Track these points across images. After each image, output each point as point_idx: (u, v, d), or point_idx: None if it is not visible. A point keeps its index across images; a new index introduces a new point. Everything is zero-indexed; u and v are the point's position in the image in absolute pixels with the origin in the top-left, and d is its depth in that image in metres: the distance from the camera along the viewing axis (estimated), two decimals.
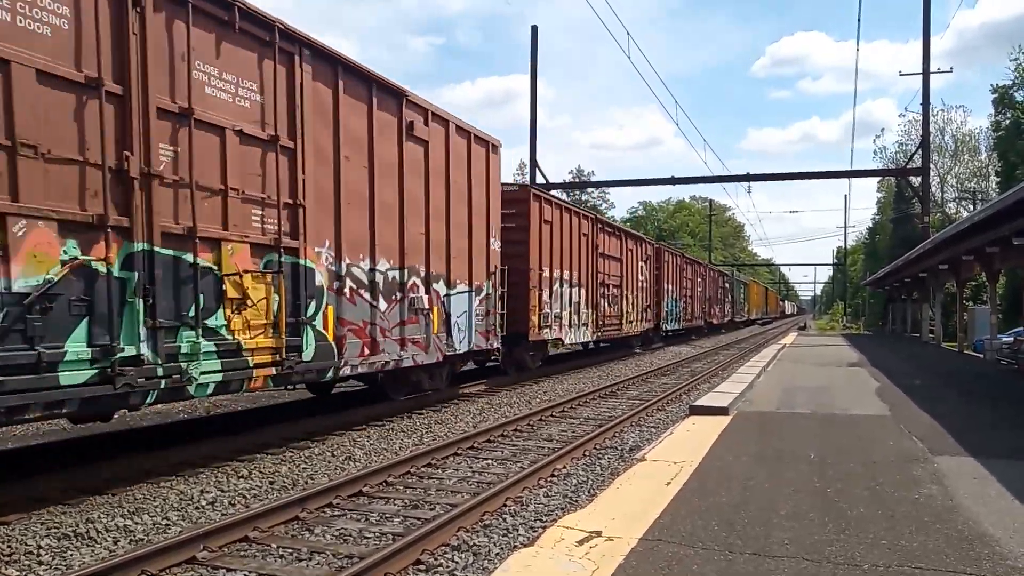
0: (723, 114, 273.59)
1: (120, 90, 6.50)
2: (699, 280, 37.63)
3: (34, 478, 7.00)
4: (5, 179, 5.63)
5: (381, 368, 10.42)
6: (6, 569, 5.12)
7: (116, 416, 11.85)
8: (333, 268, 9.31)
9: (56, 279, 5.91)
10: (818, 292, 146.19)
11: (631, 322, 24.61)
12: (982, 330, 26.99)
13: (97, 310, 6.24)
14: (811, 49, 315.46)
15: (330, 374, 9.38)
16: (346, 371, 9.56)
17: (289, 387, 10.96)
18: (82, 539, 5.73)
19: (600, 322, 21.22)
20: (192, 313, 7.14)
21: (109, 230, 6.32)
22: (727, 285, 50.06)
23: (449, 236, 12.13)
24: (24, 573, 5.09)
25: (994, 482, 6.13)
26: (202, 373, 7.19)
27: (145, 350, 6.60)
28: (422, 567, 5.16)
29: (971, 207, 48.61)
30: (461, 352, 12.77)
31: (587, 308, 20.23)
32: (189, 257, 7.13)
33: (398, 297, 10.73)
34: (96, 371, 6.18)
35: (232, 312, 7.64)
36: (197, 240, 7.21)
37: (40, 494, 6.71)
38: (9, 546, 5.50)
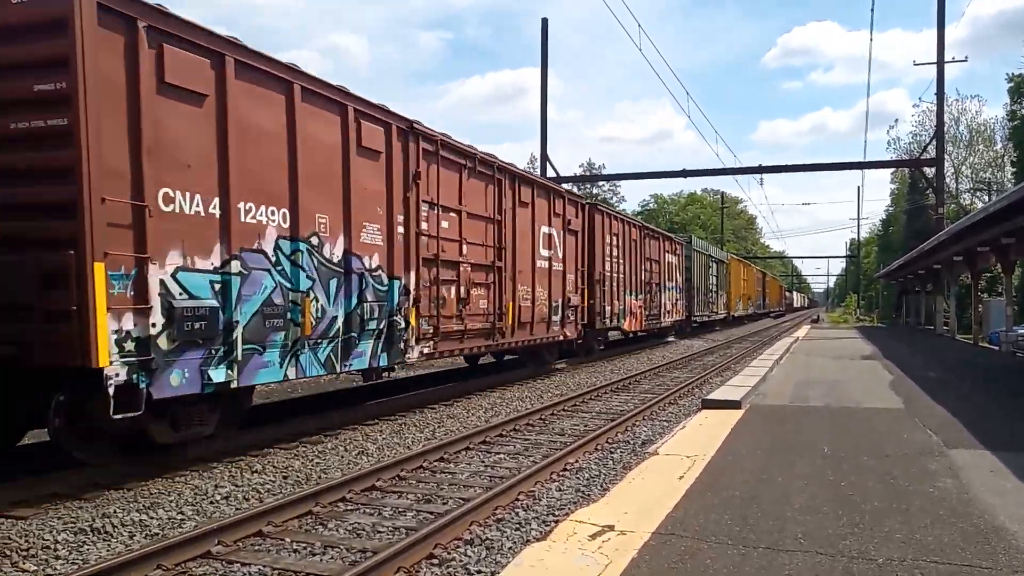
0: (734, 106, 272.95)
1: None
2: (576, 241, 17.79)
3: (50, 474, 7.06)
4: None
5: None
6: (24, 563, 5.17)
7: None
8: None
9: None
10: (831, 284, 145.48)
11: None
12: (997, 322, 26.77)
13: None
14: (822, 39, 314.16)
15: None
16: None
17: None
18: (98, 534, 5.78)
19: None
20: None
21: None
22: (675, 259, 29.56)
23: None
24: (42, 567, 5.14)
25: (1010, 475, 6.08)
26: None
27: None
28: (435, 561, 5.17)
29: (986, 198, 48.12)
30: None
31: None
32: None
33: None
34: None
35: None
36: None
37: (56, 489, 6.77)
38: (27, 541, 5.56)
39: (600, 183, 79.98)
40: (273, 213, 8.18)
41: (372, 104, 9.90)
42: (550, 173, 32.76)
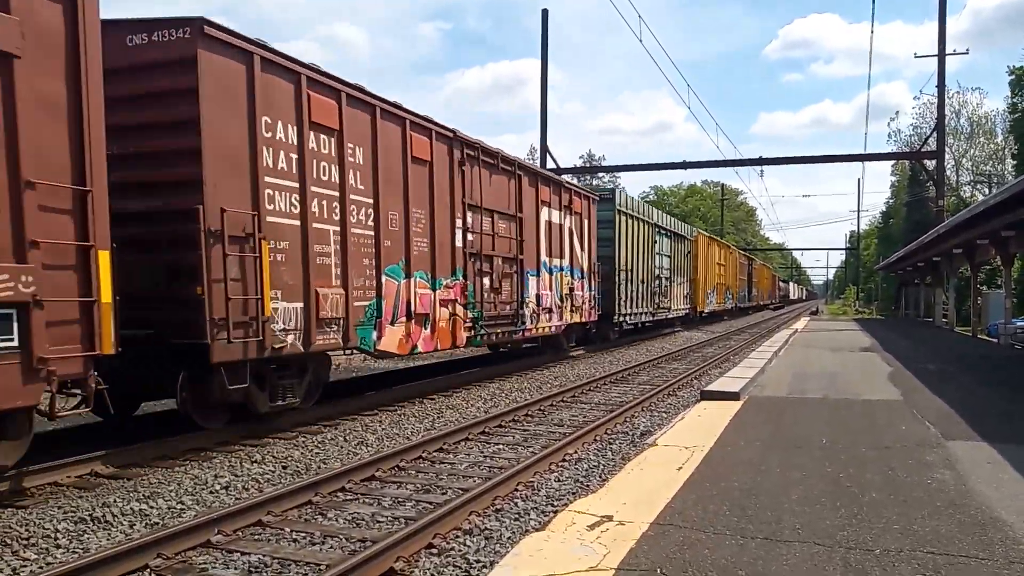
0: (734, 98, 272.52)
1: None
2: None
3: (50, 464, 7.07)
4: None
5: None
6: (25, 552, 5.19)
7: None
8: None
9: None
10: (830, 276, 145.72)
11: None
12: (996, 315, 26.83)
13: None
14: (824, 31, 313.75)
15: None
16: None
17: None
18: (98, 523, 5.79)
19: None
20: None
21: None
22: (572, 221, 18.03)
23: None
24: (42, 556, 5.16)
25: (1008, 467, 6.09)
26: None
27: None
28: (434, 551, 5.19)
29: (986, 190, 48.10)
30: None
31: None
32: None
33: None
34: None
35: None
36: None
37: (56, 479, 6.79)
38: (27, 530, 5.58)
39: (600, 174, 79.86)
40: None
41: None
42: (550, 165, 32.70)
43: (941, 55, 29.44)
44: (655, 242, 25.85)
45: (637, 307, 23.80)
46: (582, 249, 18.90)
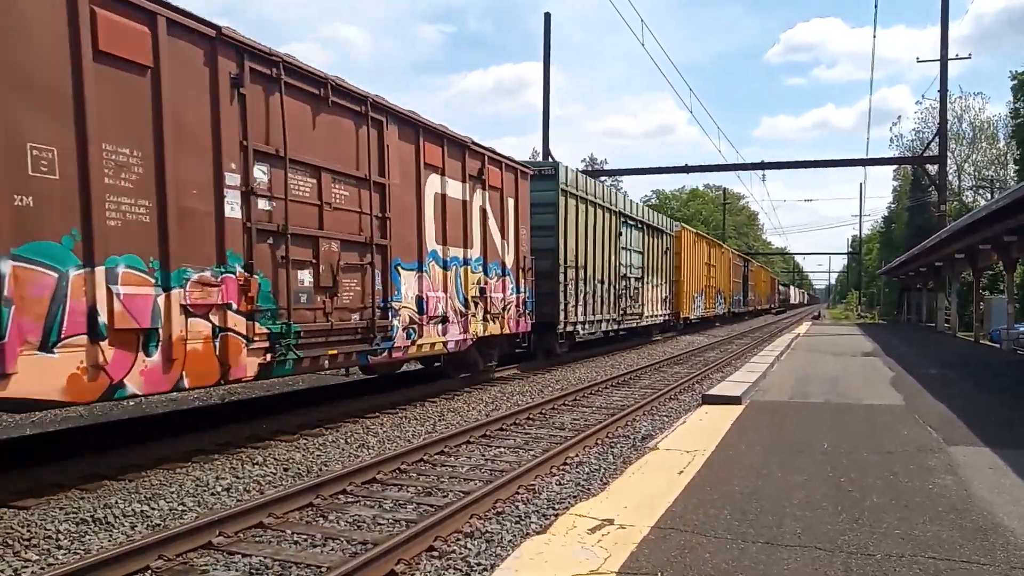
0: (736, 102, 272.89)
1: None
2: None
3: (51, 464, 7.08)
4: None
5: None
6: (27, 553, 5.20)
7: (131, 403, 12.00)
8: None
9: None
10: (832, 281, 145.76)
11: None
12: (999, 320, 26.78)
13: None
14: (826, 36, 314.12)
15: None
16: None
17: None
18: (100, 524, 5.80)
19: None
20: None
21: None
22: (488, 197, 13.22)
23: None
24: (44, 557, 5.17)
25: (1010, 472, 6.08)
26: None
27: None
28: (435, 554, 5.19)
29: (989, 195, 48.11)
30: None
31: None
32: None
33: None
34: None
35: None
36: None
37: (58, 480, 6.80)
38: (29, 531, 5.59)
39: (602, 178, 79.95)
40: None
41: None
42: None
43: (943, 59, 29.46)
44: (620, 234, 21.37)
45: (594, 313, 19.23)
46: (504, 237, 14.08)
